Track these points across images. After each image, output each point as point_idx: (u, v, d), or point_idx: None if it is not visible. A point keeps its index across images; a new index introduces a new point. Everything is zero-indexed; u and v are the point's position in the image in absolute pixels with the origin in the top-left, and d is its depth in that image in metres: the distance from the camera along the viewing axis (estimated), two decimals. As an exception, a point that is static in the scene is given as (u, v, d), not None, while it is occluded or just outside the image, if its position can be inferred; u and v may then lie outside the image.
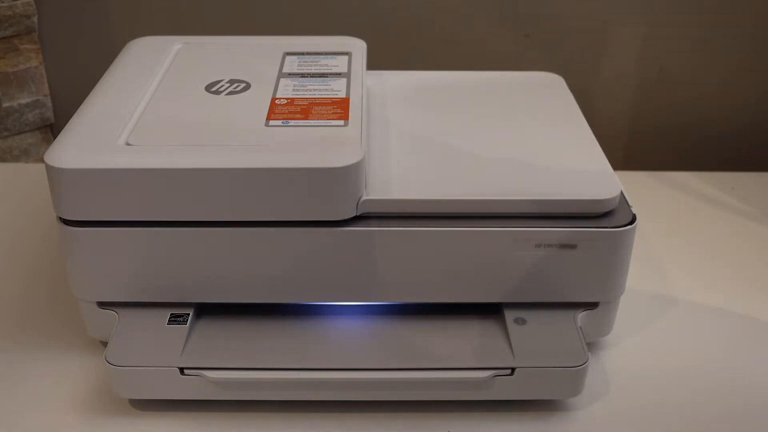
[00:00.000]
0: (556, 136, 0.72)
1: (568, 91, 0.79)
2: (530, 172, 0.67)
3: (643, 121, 1.19)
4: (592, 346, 0.72)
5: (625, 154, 1.19)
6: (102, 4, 1.07)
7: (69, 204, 0.59)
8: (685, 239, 0.87)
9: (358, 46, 0.77)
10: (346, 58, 0.74)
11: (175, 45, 0.76)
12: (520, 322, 0.67)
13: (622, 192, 0.66)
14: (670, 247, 0.86)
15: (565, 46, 1.13)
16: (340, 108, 0.64)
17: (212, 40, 0.78)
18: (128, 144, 0.59)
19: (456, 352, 0.66)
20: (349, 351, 0.66)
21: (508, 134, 0.72)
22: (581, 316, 0.68)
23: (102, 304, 0.67)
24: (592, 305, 0.69)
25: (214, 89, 0.67)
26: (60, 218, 0.61)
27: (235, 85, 0.68)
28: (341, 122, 0.62)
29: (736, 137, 1.16)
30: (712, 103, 1.16)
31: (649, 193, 0.96)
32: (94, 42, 1.08)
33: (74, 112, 0.65)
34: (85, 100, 0.66)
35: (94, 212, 0.60)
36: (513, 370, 0.63)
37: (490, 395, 0.65)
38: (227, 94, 0.66)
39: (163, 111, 0.65)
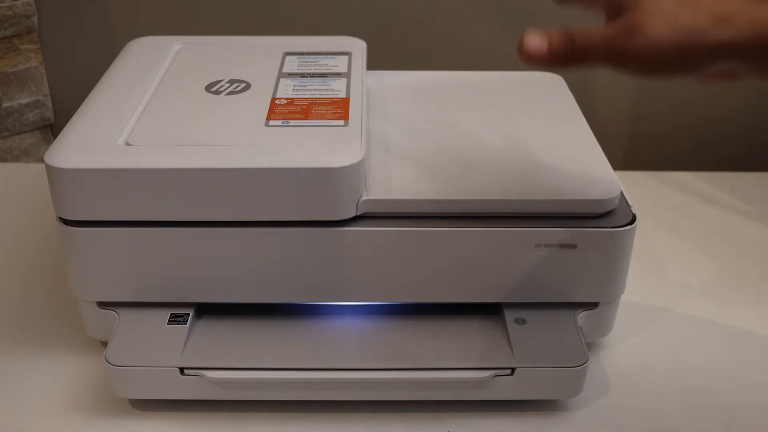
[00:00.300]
0: (556, 136, 0.72)
1: (568, 91, 0.79)
2: (530, 172, 0.67)
3: (643, 121, 1.19)
4: (592, 346, 0.72)
5: (625, 154, 1.19)
6: (102, 4, 1.08)
7: (69, 204, 0.60)
8: (685, 239, 0.87)
9: (358, 46, 0.77)
10: (346, 58, 0.74)
11: (175, 45, 0.76)
12: (520, 322, 0.67)
13: (622, 192, 0.66)
14: (670, 247, 0.86)
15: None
16: (340, 108, 0.64)
17: (212, 40, 0.78)
18: (128, 144, 0.59)
19: (456, 353, 0.66)
20: (349, 351, 0.66)
21: (509, 134, 0.72)
22: (581, 316, 0.68)
23: (102, 304, 0.67)
24: (592, 305, 0.69)
25: (214, 89, 0.67)
26: (60, 218, 0.61)
27: (235, 85, 0.68)
28: (341, 122, 0.62)
29: (736, 137, 1.16)
30: (712, 104, 1.16)
31: (649, 193, 0.96)
32: (94, 42, 1.09)
33: (74, 112, 0.65)
34: (85, 100, 0.66)
35: (94, 212, 0.60)
36: (513, 370, 0.63)
37: (490, 395, 0.65)
38: (227, 94, 0.67)
39: (163, 111, 0.65)
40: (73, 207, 0.60)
